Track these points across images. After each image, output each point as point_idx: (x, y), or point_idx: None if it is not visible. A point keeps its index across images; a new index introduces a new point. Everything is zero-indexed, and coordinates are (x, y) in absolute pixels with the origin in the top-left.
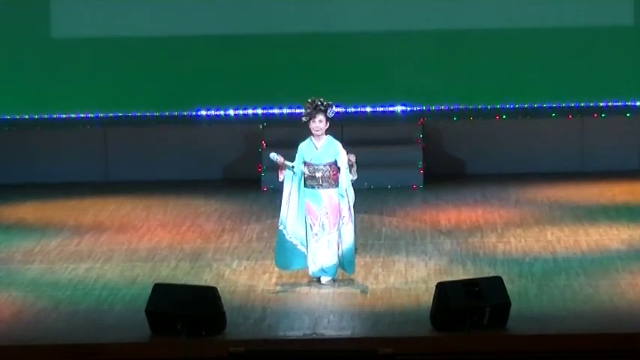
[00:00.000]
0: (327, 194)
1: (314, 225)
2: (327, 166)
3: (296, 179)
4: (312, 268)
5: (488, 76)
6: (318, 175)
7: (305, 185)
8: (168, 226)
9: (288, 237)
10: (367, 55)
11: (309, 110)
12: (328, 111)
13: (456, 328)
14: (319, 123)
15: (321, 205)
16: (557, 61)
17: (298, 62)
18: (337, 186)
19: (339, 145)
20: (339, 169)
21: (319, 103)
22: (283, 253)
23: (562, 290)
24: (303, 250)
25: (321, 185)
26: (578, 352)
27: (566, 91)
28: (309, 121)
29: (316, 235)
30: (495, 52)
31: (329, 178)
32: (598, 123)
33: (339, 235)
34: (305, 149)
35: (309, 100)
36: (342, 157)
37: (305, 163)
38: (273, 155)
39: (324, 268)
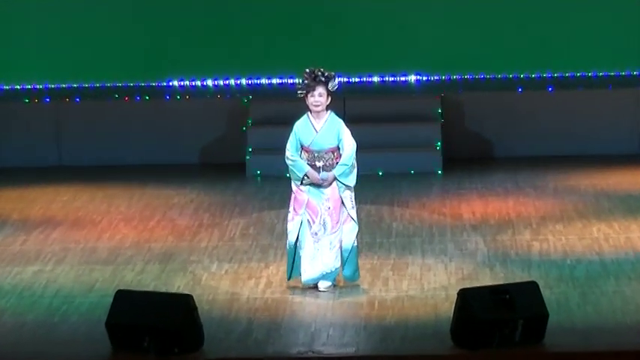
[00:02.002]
0: (330, 186)
1: (313, 222)
2: (330, 153)
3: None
4: (308, 275)
5: (520, 39)
6: (319, 164)
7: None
8: (133, 220)
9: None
10: (375, 14)
11: (307, 82)
12: (330, 83)
13: (482, 345)
14: (319, 97)
15: (322, 198)
16: (607, 20)
17: (291, 22)
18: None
19: (342, 125)
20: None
21: (319, 73)
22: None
23: (610, 298)
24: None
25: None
26: None
27: (618, 57)
28: (306, 95)
29: (315, 234)
30: (530, 8)
31: (332, 167)
32: None
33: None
34: (302, 131)
35: (307, 71)
36: (347, 141)
37: (303, 148)
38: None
39: (324, 272)
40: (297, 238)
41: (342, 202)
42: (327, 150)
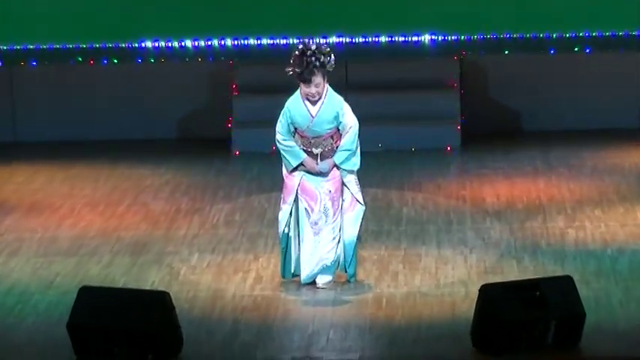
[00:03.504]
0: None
1: (311, 210)
2: (329, 138)
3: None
4: (307, 272)
5: None
6: (317, 151)
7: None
8: (99, 205)
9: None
10: None
11: (299, 70)
12: (327, 65)
13: (507, 349)
14: (316, 88)
15: (320, 180)
16: None
17: None
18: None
19: (342, 105)
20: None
21: (313, 59)
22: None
23: None
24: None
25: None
26: None
27: None
28: (300, 81)
29: (315, 224)
30: None
31: (332, 152)
32: None
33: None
34: (296, 115)
35: (297, 53)
36: (348, 122)
37: (297, 131)
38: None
39: (323, 265)
40: (290, 229)
41: (346, 186)
42: (325, 136)
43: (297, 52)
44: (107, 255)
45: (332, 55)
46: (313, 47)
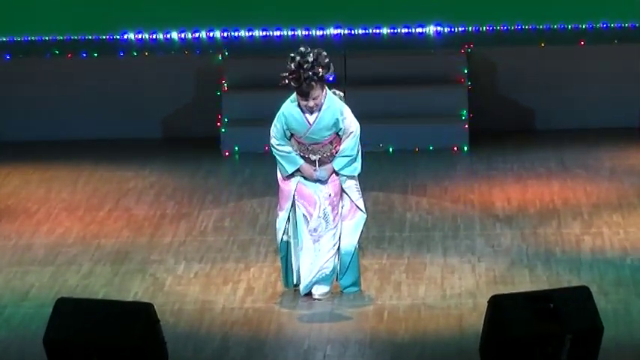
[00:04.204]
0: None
1: (310, 216)
2: (328, 144)
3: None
4: (306, 282)
5: None
6: (315, 157)
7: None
8: (78, 210)
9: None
10: None
11: (295, 85)
12: (326, 75)
13: None
14: (314, 101)
15: (319, 185)
16: None
17: None
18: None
19: (342, 109)
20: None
21: (311, 73)
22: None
23: None
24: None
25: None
26: None
27: None
28: (296, 93)
29: (315, 231)
30: None
31: (331, 157)
32: None
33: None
34: (292, 121)
35: (293, 66)
36: (349, 127)
37: (293, 136)
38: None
39: (320, 275)
40: (289, 237)
41: (345, 193)
42: (323, 142)
43: (292, 65)
44: (86, 264)
45: (331, 65)
46: (310, 59)
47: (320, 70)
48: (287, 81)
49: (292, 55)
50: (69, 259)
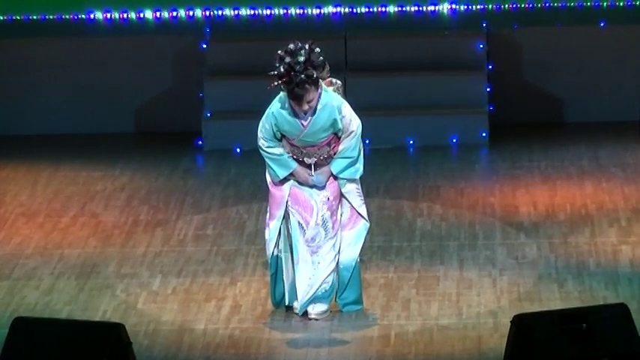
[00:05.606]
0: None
1: (307, 225)
2: (325, 146)
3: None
4: (304, 300)
5: None
6: (310, 161)
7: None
8: (38, 215)
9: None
10: None
11: (286, 88)
12: (320, 75)
13: None
14: (308, 104)
15: (316, 189)
16: None
17: None
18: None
19: (341, 107)
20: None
21: (304, 76)
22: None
23: None
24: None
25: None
26: None
27: None
28: (287, 94)
29: (312, 240)
30: None
31: (329, 159)
32: None
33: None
34: (283, 123)
35: (284, 68)
36: (348, 126)
37: (284, 137)
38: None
39: (319, 292)
40: (281, 250)
41: (345, 198)
42: (319, 144)
43: (282, 68)
44: (47, 278)
45: (327, 64)
46: (302, 58)
47: (313, 71)
48: (277, 84)
49: (281, 54)
50: (27, 272)
